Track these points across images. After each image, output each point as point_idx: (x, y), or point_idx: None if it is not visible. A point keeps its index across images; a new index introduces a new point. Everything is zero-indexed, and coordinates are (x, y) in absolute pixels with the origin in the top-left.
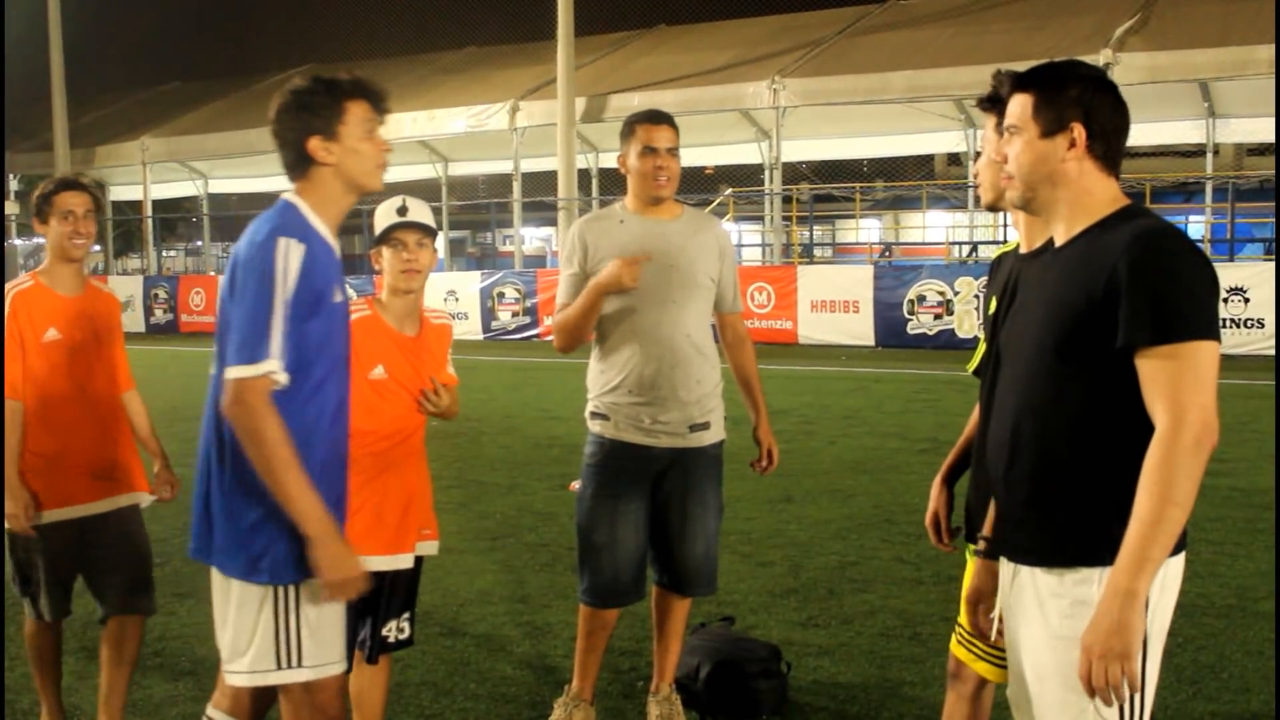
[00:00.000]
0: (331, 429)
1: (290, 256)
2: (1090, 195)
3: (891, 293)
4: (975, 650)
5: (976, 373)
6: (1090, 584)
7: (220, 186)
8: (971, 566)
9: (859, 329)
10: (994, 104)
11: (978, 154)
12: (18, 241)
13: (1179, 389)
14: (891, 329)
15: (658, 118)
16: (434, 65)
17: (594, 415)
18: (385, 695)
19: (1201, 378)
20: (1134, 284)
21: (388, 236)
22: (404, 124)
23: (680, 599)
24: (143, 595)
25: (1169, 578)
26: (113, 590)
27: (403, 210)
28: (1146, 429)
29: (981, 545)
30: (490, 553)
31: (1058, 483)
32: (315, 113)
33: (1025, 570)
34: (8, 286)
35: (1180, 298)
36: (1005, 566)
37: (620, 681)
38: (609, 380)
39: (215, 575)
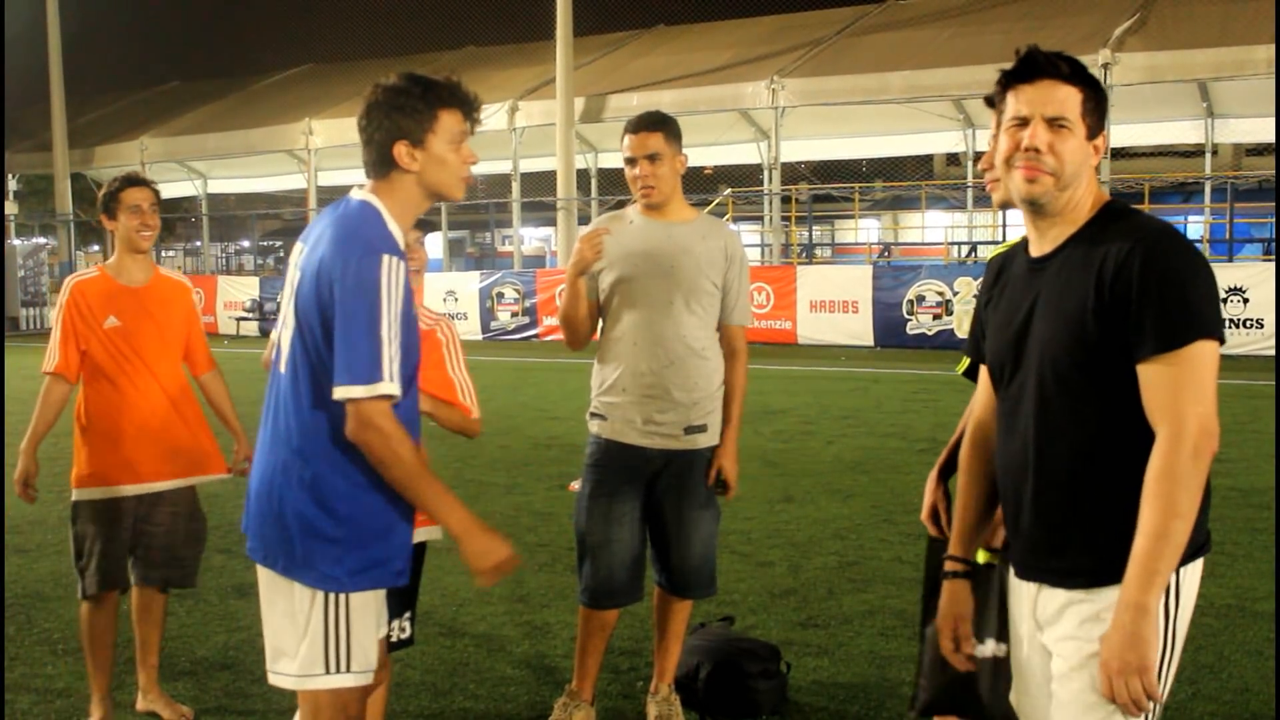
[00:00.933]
0: (413, 434)
1: (395, 274)
2: (1087, 199)
3: (890, 293)
4: None
5: (966, 374)
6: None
7: (219, 186)
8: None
9: (858, 329)
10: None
11: (979, 154)
12: (17, 242)
13: (1178, 397)
14: (890, 329)
15: (636, 125)
16: (432, 65)
17: (593, 415)
18: (387, 694)
19: (1201, 383)
20: (1144, 292)
21: None
22: None
23: (680, 601)
24: (171, 568)
25: (1188, 583)
26: (141, 563)
27: None
28: None
29: (957, 566)
30: None
31: (1093, 503)
32: (407, 115)
33: (1049, 589)
34: (70, 277)
35: (1188, 300)
36: (1025, 587)
37: (620, 681)
38: (607, 380)
39: (268, 577)
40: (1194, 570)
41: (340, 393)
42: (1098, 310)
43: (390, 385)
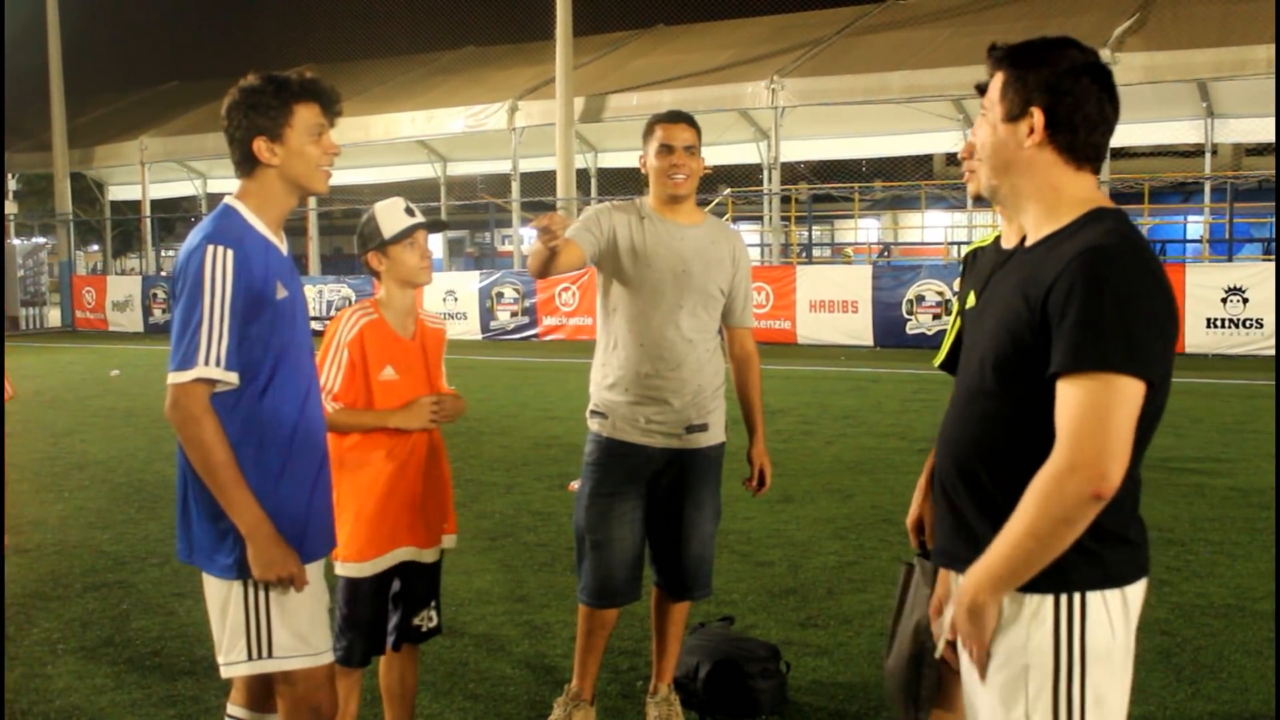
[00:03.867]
0: (299, 419)
1: (219, 263)
2: (1056, 193)
3: (890, 293)
4: None
5: (943, 367)
6: (1031, 607)
7: (219, 186)
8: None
9: (857, 329)
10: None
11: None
12: (16, 241)
13: (1079, 427)
14: (890, 329)
15: (676, 116)
16: (432, 65)
17: (593, 413)
18: (415, 685)
19: (1107, 419)
20: (1066, 306)
21: (408, 235)
22: (402, 124)
23: (677, 601)
24: None
25: (1101, 612)
26: None
27: (410, 211)
28: None
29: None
30: (489, 552)
31: (999, 509)
32: (262, 113)
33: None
34: None
35: (1106, 323)
36: (953, 576)
37: (619, 681)
38: (608, 378)
39: (203, 574)
40: (1106, 600)
41: (168, 379)
42: (1030, 317)
43: (209, 370)
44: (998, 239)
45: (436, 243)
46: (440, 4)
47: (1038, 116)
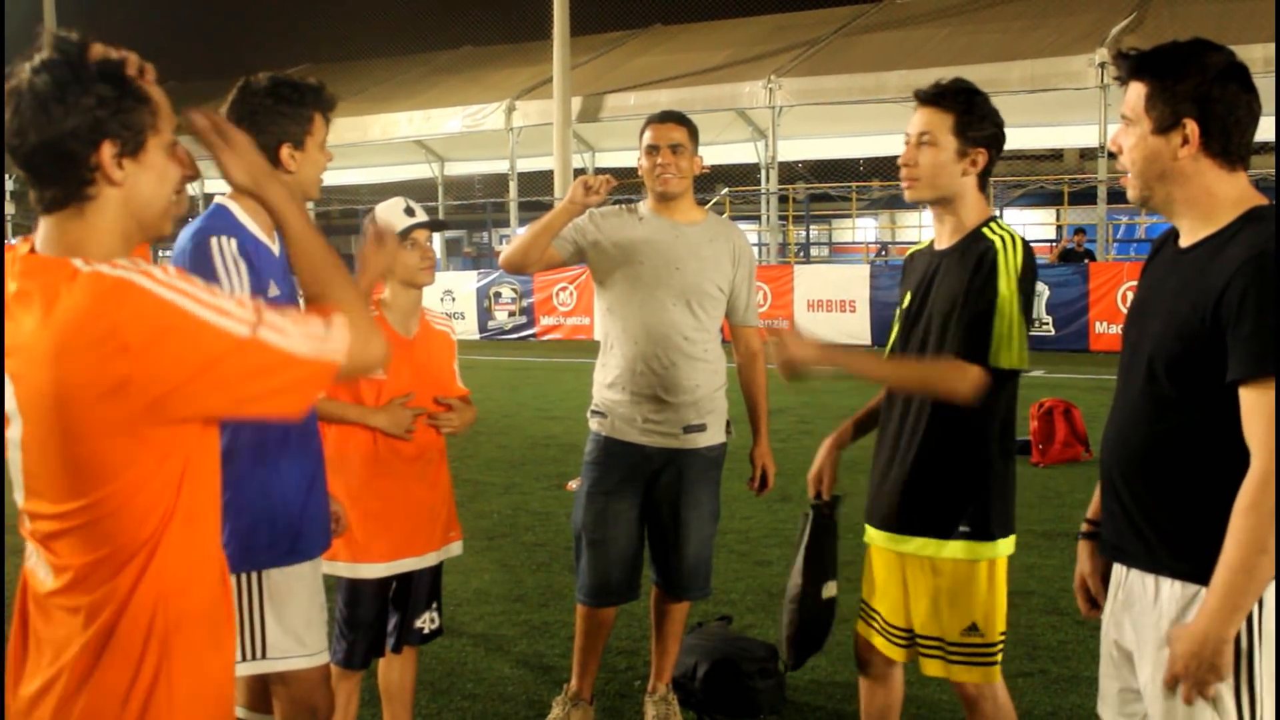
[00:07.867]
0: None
1: (227, 251)
2: (1211, 196)
3: (888, 292)
4: (874, 626)
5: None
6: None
7: (217, 186)
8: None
9: (855, 328)
10: (937, 100)
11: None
12: (15, 241)
13: (1268, 433)
14: (888, 328)
15: (664, 117)
16: (430, 65)
17: (593, 413)
18: (414, 685)
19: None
20: (1241, 313)
21: (407, 235)
22: (400, 123)
23: (676, 601)
24: None
25: (1270, 597)
26: None
27: (411, 211)
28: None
29: (1085, 528)
30: (487, 552)
31: (1167, 505)
32: (292, 120)
33: (1135, 572)
34: None
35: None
36: (1116, 566)
37: (617, 681)
38: (607, 377)
39: None
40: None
41: None
42: (1201, 324)
43: None
44: (932, 243)
45: (435, 242)
46: (437, 4)
47: (1191, 128)
